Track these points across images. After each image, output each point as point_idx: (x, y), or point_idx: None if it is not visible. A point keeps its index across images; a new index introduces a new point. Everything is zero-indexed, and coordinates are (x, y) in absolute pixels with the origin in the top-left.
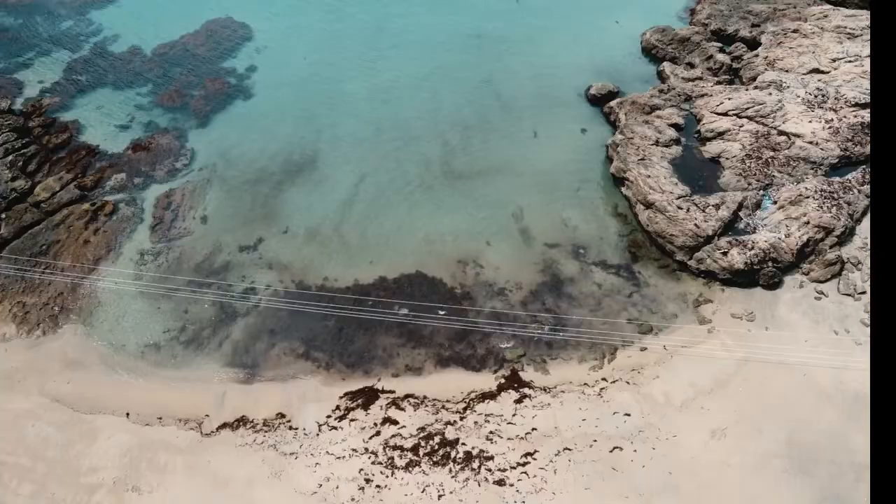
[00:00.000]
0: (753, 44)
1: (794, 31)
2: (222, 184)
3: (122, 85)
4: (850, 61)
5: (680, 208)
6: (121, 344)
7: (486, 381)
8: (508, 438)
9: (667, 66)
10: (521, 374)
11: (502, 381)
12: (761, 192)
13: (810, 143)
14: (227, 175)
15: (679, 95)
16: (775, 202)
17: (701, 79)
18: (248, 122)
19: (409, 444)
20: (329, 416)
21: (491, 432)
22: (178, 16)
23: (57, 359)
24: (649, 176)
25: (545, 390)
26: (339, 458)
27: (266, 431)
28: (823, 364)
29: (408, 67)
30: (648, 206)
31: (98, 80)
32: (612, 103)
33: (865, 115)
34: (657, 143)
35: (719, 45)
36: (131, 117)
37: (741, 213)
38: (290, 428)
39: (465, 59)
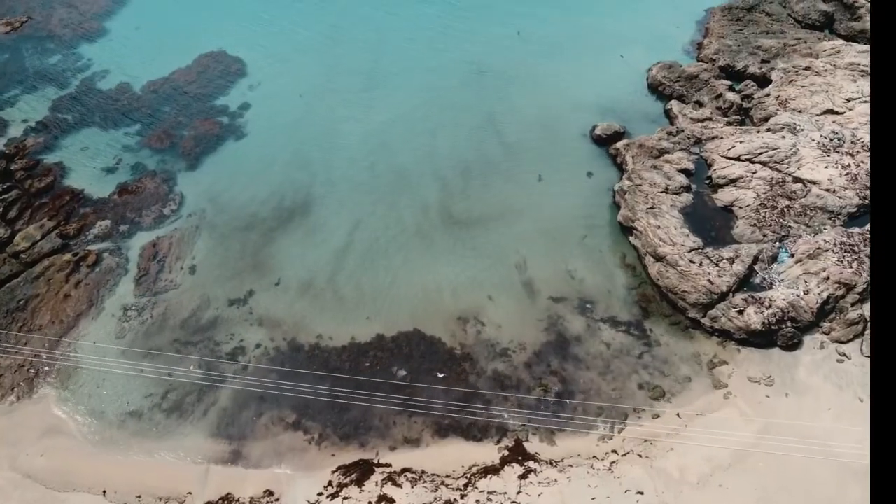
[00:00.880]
0: (763, 81)
1: (806, 68)
2: (212, 231)
3: (109, 124)
4: (865, 101)
5: (692, 262)
6: (100, 411)
7: (489, 452)
8: None
9: (674, 105)
10: (525, 444)
11: (506, 452)
12: (777, 244)
13: (827, 190)
14: (217, 221)
15: (688, 138)
16: (792, 255)
17: (711, 119)
18: (240, 165)
19: None
20: (321, 494)
21: None
22: (170, 49)
23: (31, 427)
24: (659, 226)
25: (551, 464)
26: None
27: None
28: (848, 436)
29: (406, 104)
30: (659, 259)
31: (85, 118)
32: (619, 145)
33: None
34: (667, 190)
35: (728, 83)
36: (118, 159)
37: (756, 267)
38: None
39: (465, 95)
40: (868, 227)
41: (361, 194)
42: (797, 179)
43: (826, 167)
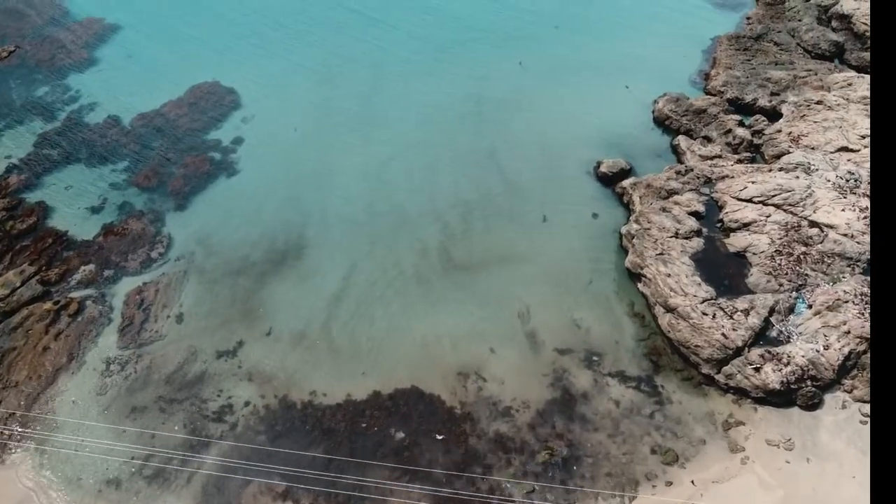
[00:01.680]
0: (773, 114)
1: (818, 102)
2: (200, 276)
3: (96, 161)
4: None
5: (705, 314)
6: (76, 478)
7: None
8: None
9: (682, 141)
10: None
11: None
12: (794, 293)
13: (845, 235)
14: (206, 266)
15: (698, 178)
16: (810, 306)
17: (720, 157)
18: (231, 204)
19: None
20: None
21: None
22: (162, 79)
23: (2, 497)
24: (669, 275)
25: None
26: None
27: None
28: None
29: (404, 139)
30: (669, 310)
31: (71, 155)
32: (626, 184)
33: None
34: (676, 234)
35: (738, 118)
36: (104, 199)
37: (773, 319)
38: None
39: (466, 129)
40: None
41: (357, 236)
42: (813, 224)
43: (843, 210)
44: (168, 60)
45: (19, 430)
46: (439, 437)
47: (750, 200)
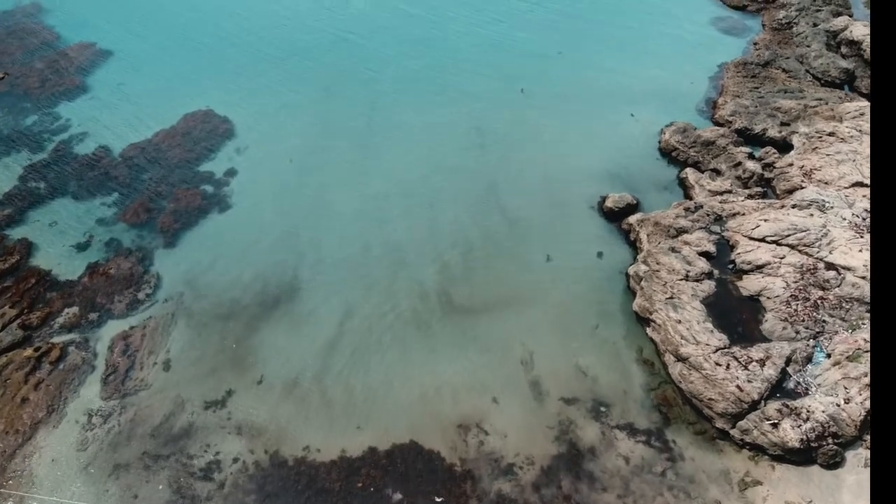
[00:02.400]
0: (784, 145)
1: (830, 133)
2: (189, 319)
3: (83, 195)
4: None
5: (718, 365)
6: None
7: None
8: None
9: (690, 174)
10: None
11: None
12: (812, 341)
13: (863, 278)
14: (195, 308)
15: (708, 215)
16: (829, 355)
17: (730, 192)
18: (222, 242)
19: None
20: None
21: None
22: (155, 108)
23: None
24: (680, 321)
25: None
26: None
27: None
28: None
29: (402, 172)
30: (681, 359)
31: (57, 188)
32: (632, 220)
33: None
34: (686, 277)
35: (748, 150)
36: (90, 235)
37: (789, 369)
38: None
39: (465, 161)
40: None
41: (354, 277)
42: (830, 265)
43: (860, 251)
44: (161, 87)
45: None
46: (438, 500)
47: (763, 240)
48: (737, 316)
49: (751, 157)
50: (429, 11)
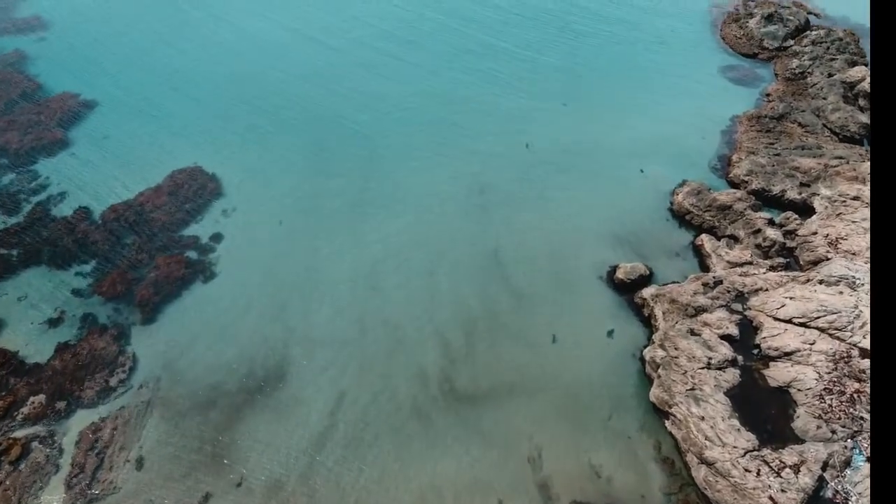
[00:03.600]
0: (804, 208)
1: (854, 197)
2: (165, 409)
3: (59, 263)
4: None
5: (748, 471)
6: None
7: None
8: None
9: (706, 242)
10: None
11: None
12: (849, 441)
13: None
14: (172, 396)
15: (728, 291)
16: (868, 458)
17: (751, 263)
18: (205, 317)
19: None
20: None
21: None
22: (140, 164)
23: None
24: (703, 417)
25: None
26: None
27: None
28: None
29: (399, 236)
30: (705, 462)
31: (32, 256)
32: (646, 294)
33: None
34: (709, 366)
35: (767, 216)
36: (62, 311)
37: (826, 475)
38: None
39: (467, 224)
40: None
41: (347, 358)
42: (865, 353)
43: None
44: (147, 141)
45: None
46: None
47: (790, 321)
48: (765, 411)
49: (771, 223)
50: (427, 61)
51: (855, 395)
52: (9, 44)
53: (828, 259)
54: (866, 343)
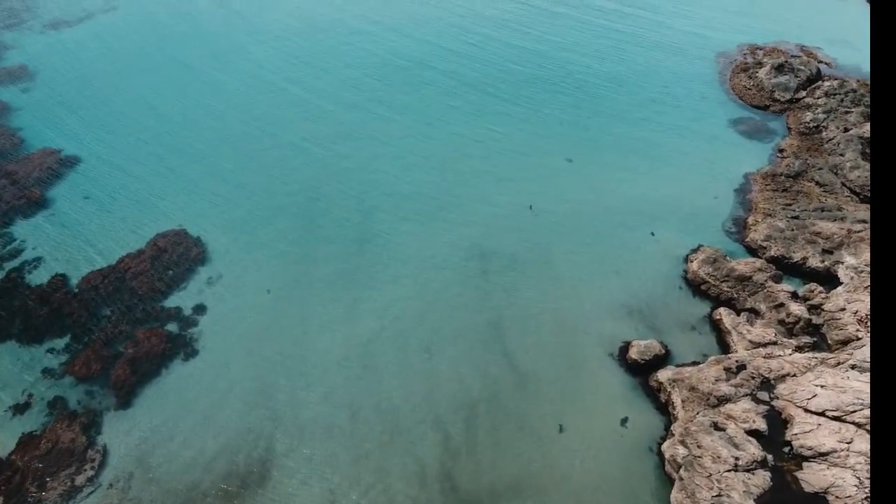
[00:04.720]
0: (828, 276)
1: None
2: None
3: (30, 337)
4: None
5: None
6: None
7: None
8: None
9: (725, 317)
10: None
11: None
12: None
13: None
14: (145, 498)
15: (753, 378)
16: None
17: (775, 343)
18: (185, 401)
19: None
20: None
21: None
22: (122, 226)
23: None
24: None
25: None
26: None
27: None
28: None
29: (394, 309)
30: None
31: (2, 328)
32: (662, 378)
33: None
34: (735, 467)
35: (790, 289)
36: (30, 394)
37: None
38: None
39: (467, 295)
40: None
41: (339, 450)
42: None
43: None
44: (130, 202)
45: None
46: None
47: (822, 414)
48: None
49: (794, 296)
50: (422, 118)
51: None
52: None
53: (858, 339)
54: None
